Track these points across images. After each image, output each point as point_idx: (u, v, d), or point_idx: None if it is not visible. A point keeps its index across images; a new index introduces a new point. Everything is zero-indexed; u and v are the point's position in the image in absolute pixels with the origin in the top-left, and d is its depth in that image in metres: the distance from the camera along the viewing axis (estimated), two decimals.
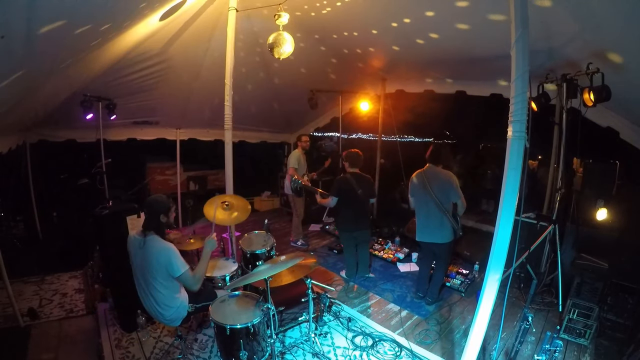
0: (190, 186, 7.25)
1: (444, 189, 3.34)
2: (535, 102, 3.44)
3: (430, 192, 3.34)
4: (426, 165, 3.52)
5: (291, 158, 5.14)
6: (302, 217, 5.45)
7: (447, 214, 3.34)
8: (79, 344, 3.00)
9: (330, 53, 4.55)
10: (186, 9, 3.28)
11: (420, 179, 3.47)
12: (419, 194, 3.48)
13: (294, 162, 5.08)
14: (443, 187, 3.34)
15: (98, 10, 2.22)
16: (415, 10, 3.03)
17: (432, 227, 3.44)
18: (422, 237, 3.56)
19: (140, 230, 2.48)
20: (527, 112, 1.86)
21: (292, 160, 5.09)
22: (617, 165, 3.71)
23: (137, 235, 2.47)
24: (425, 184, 3.39)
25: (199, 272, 2.49)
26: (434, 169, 3.46)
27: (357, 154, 3.97)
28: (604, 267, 3.34)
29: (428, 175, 3.43)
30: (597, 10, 2.24)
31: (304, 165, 5.28)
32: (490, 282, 2.03)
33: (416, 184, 3.51)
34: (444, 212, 3.33)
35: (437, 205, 3.34)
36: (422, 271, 3.81)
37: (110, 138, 5.20)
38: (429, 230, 3.48)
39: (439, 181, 3.37)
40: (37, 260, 4.47)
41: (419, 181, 3.47)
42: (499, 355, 2.87)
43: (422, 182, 3.43)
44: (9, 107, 3.11)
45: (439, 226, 3.40)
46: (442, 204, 3.32)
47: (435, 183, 3.37)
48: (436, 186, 3.35)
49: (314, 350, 2.91)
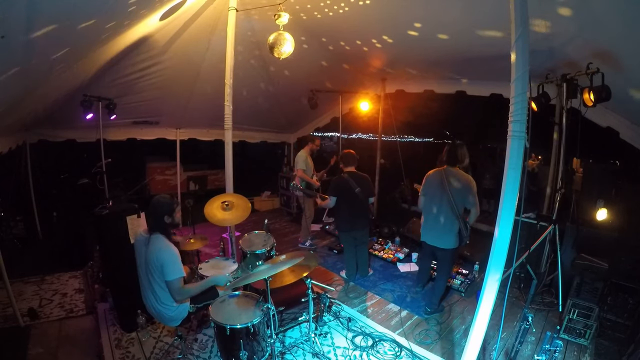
0: (190, 186, 7.26)
1: (463, 192, 3.19)
2: (535, 102, 3.44)
3: (449, 193, 3.18)
4: (444, 166, 3.34)
5: (298, 160, 5.07)
6: (312, 218, 5.42)
7: (460, 219, 3.21)
8: (79, 344, 3.00)
9: (331, 54, 4.55)
10: (186, 9, 3.29)
11: (438, 179, 3.30)
12: (434, 194, 3.33)
13: (302, 164, 5.03)
14: (462, 190, 3.19)
15: (98, 9, 2.23)
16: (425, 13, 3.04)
17: (441, 229, 3.30)
18: (427, 238, 3.44)
19: (147, 229, 2.51)
20: (527, 112, 1.86)
21: (300, 162, 5.04)
22: (617, 165, 3.71)
23: (143, 233, 2.51)
24: (444, 184, 3.22)
25: (189, 290, 2.47)
26: (453, 170, 3.29)
27: (350, 154, 4.04)
28: (604, 267, 3.34)
29: (448, 176, 3.25)
30: (597, 10, 2.24)
31: (311, 166, 5.26)
32: (490, 282, 2.03)
33: (433, 183, 3.35)
34: (457, 216, 3.19)
35: (452, 208, 3.19)
36: (422, 268, 3.82)
37: (110, 138, 5.20)
38: (436, 232, 3.35)
39: (459, 184, 3.20)
40: (37, 260, 4.47)
41: (438, 181, 3.30)
42: (499, 355, 2.87)
43: (440, 182, 3.26)
44: (9, 107, 3.11)
45: (449, 230, 3.26)
46: (456, 206, 3.18)
47: (455, 185, 3.20)
48: (455, 188, 3.19)
49: (314, 350, 2.91)
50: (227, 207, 3.27)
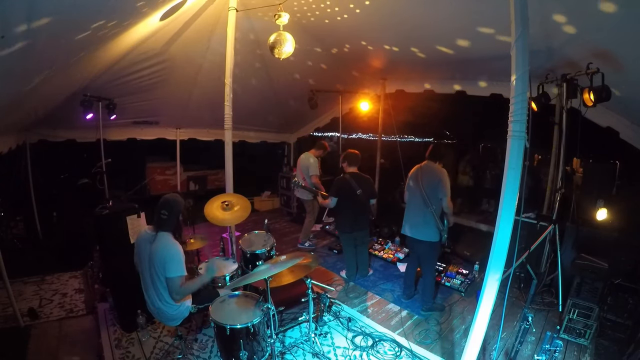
0: (190, 186, 7.26)
1: (433, 183, 3.33)
2: (535, 102, 3.44)
3: (420, 186, 3.37)
4: (424, 162, 3.53)
5: (312, 166, 4.95)
6: (314, 222, 5.37)
7: (433, 211, 3.31)
8: (79, 344, 2.99)
9: (331, 54, 4.55)
10: (186, 9, 3.28)
11: (415, 173, 3.52)
12: (412, 188, 3.51)
13: (316, 169, 4.95)
14: (432, 182, 3.34)
15: (98, 7, 2.23)
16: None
17: (416, 221, 3.44)
18: (405, 230, 3.56)
19: (152, 227, 2.51)
20: (527, 112, 1.86)
21: (314, 168, 4.93)
22: (617, 165, 3.71)
23: (149, 230, 2.51)
24: (418, 178, 3.43)
25: (188, 288, 2.46)
26: (431, 165, 3.47)
27: (354, 154, 4.01)
28: (604, 267, 3.34)
29: (423, 170, 3.46)
30: (597, 10, 2.24)
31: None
32: (490, 282, 2.03)
33: (412, 178, 3.54)
34: (430, 207, 3.31)
35: (424, 200, 3.33)
36: (408, 271, 3.80)
37: (110, 138, 5.20)
38: (411, 223, 3.49)
39: (430, 176, 3.38)
40: (37, 260, 4.46)
41: (414, 175, 3.52)
42: (499, 355, 2.87)
43: (416, 176, 3.48)
44: (9, 108, 3.11)
45: (423, 222, 3.38)
46: (428, 199, 3.31)
47: (427, 178, 3.38)
48: (427, 181, 3.37)
49: (314, 350, 2.91)
50: (227, 207, 3.27)
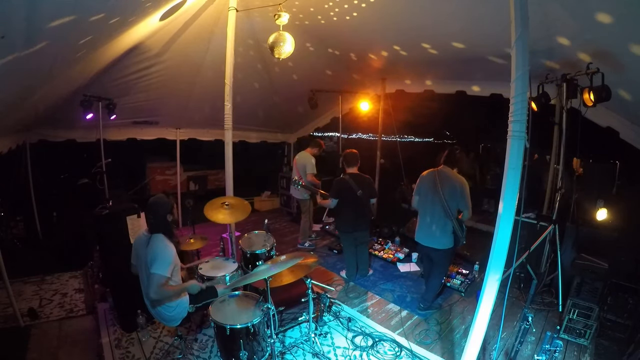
0: (190, 186, 7.26)
1: (454, 193, 3.18)
2: (535, 102, 3.44)
3: (441, 194, 3.18)
4: (440, 166, 3.35)
5: (308, 164, 4.99)
6: (311, 222, 5.39)
7: (453, 220, 3.19)
8: (79, 344, 3.00)
9: (331, 54, 4.55)
10: (186, 9, 3.28)
11: (431, 179, 3.30)
12: (427, 194, 3.33)
13: (314, 167, 4.98)
14: (454, 191, 3.18)
15: (100, 6, 2.23)
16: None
17: (434, 230, 3.28)
18: (420, 239, 3.42)
19: (147, 230, 2.52)
20: (527, 112, 1.86)
21: (311, 166, 4.97)
22: (617, 165, 3.71)
23: (145, 233, 2.52)
24: (437, 184, 3.23)
25: (167, 291, 2.39)
26: (449, 171, 3.29)
27: (353, 154, 3.99)
28: (604, 267, 3.34)
29: (441, 177, 3.25)
30: (597, 10, 2.24)
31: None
32: (490, 282, 2.03)
33: (426, 183, 3.35)
34: (450, 216, 3.18)
35: (444, 209, 3.18)
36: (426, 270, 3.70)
37: (110, 138, 5.19)
38: (429, 232, 3.32)
39: (451, 185, 3.20)
40: (38, 260, 4.46)
41: (430, 180, 3.31)
42: (499, 355, 2.87)
43: (433, 182, 3.27)
44: (9, 108, 3.11)
45: (442, 231, 3.24)
46: (449, 208, 3.17)
47: (447, 186, 3.20)
48: (447, 189, 3.19)
49: (314, 350, 2.91)
50: (227, 207, 3.27)
